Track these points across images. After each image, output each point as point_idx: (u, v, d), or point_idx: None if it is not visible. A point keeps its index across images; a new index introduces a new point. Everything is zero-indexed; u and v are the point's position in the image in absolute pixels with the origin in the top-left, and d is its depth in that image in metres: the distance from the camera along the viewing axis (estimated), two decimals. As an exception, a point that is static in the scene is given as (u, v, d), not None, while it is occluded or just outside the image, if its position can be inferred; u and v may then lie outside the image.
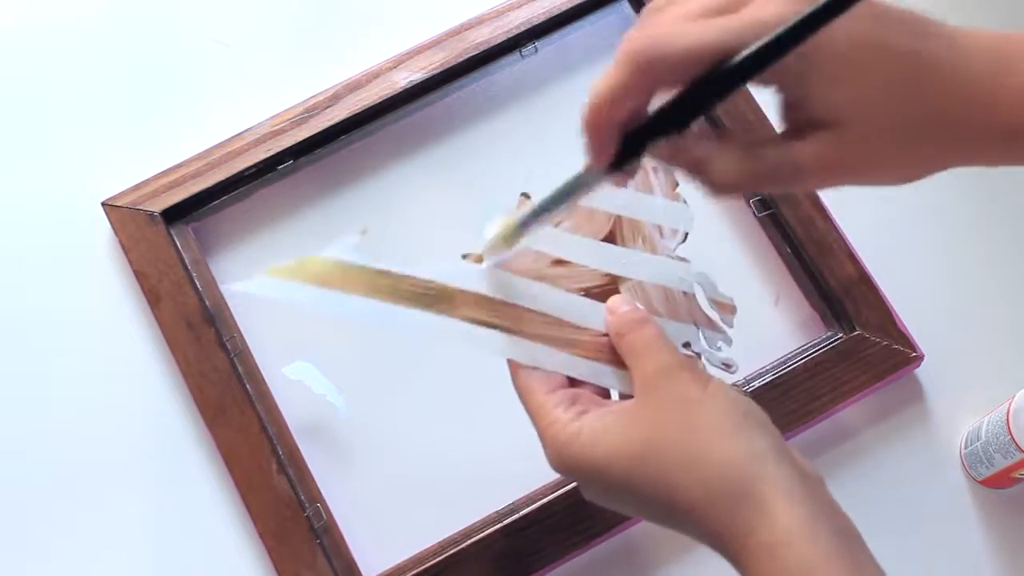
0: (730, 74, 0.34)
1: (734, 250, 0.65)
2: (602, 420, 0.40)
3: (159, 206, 0.62)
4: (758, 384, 0.59)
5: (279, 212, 0.65)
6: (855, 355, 0.60)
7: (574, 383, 0.43)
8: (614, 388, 0.44)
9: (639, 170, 0.44)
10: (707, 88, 0.34)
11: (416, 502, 0.59)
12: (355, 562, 0.57)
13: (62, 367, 0.62)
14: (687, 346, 0.46)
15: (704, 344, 0.46)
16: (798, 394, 0.59)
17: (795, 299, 0.64)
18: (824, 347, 0.60)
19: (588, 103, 0.36)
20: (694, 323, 0.46)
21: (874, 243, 0.63)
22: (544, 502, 0.57)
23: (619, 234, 0.47)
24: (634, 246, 0.46)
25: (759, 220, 0.64)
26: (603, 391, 0.44)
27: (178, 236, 0.63)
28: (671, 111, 0.36)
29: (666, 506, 0.38)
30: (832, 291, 0.61)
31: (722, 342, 0.46)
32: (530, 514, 0.57)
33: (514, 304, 0.44)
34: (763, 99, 0.64)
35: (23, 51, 0.70)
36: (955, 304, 0.64)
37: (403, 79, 0.65)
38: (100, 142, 0.67)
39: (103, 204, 0.63)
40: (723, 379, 0.42)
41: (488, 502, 0.58)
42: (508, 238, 0.43)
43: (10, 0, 0.71)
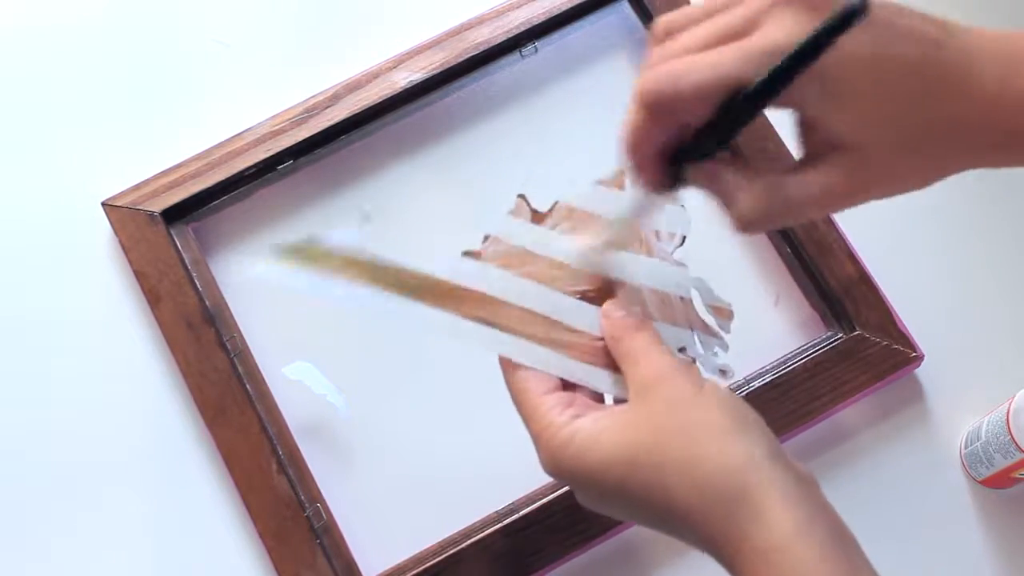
0: (746, 103, 0.34)
1: (734, 250, 0.65)
2: (597, 424, 0.40)
3: (159, 206, 0.62)
4: (758, 384, 0.59)
5: (279, 212, 0.65)
6: (855, 355, 0.60)
7: (568, 386, 0.43)
8: (608, 392, 0.44)
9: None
10: (724, 120, 0.35)
11: (416, 502, 0.59)
12: (355, 562, 0.57)
13: (62, 367, 0.62)
14: (683, 351, 0.45)
15: (700, 349, 0.46)
16: (798, 394, 0.59)
17: (795, 299, 0.64)
18: (824, 347, 0.60)
19: (620, 139, 0.38)
20: (690, 328, 0.46)
21: (874, 243, 0.63)
22: (544, 502, 0.57)
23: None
24: (631, 250, 0.46)
25: (759, 220, 0.64)
26: (597, 395, 0.44)
27: (178, 236, 0.63)
28: (695, 140, 0.37)
29: (661, 510, 0.38)
30: (832, 291, 0.61)
31: (718, 348, 0.46)
32: (530, 514, 0.57)
33: (511, 304, 0.44)
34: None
35: (23, 51, 0.70)
36: (955, 304, 0.64)
37: (403, 79, 0.65)
38: (100, 142, 0.67)
39: (103, 204, 0.63)
40: (720, 382, 0.42)
41: (488, 502, 0.58)
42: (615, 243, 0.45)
43: (10, 0, 0.71)
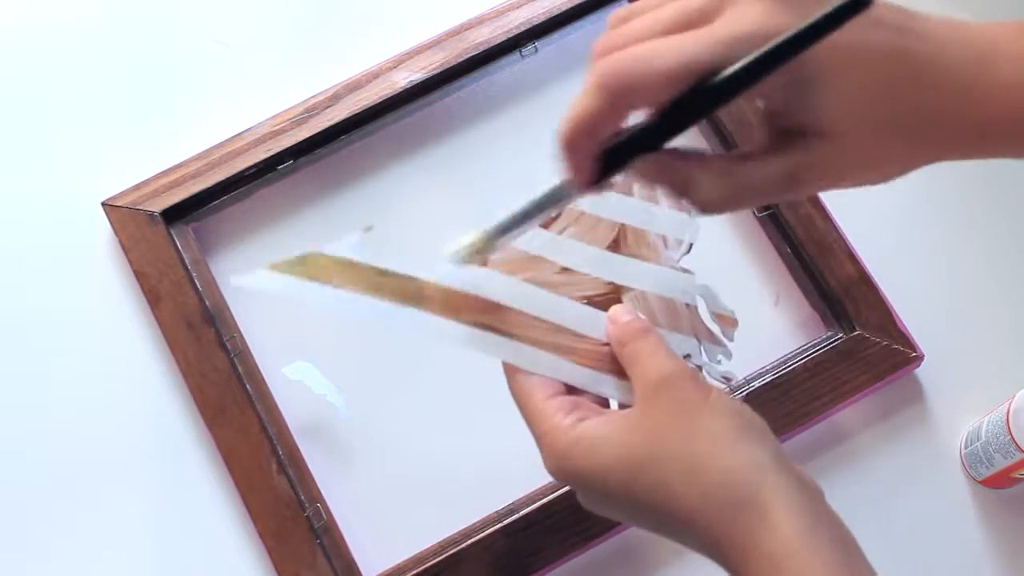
0: (715, 92, 0.33)
1: (734, 250, 0.65)
2: (602, 428, 0.40)
3: (159, 206, 0.62)
4: (758, 384, 0.59)
5: (279, 212, 0.65)
6: (855, 355, 0.60)
7: (572, 391, 0.43)
8: (613, 397, 0.44)
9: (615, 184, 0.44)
10: (690, 107, 0.34)
11: (416, 502, 0.59)
12: (355, 562, 0.57)
13: (62, 367, 0.62)
14: (687, 358, 0.46)
15: (704, 357, 0.46)
16: (798, 394, 0.59)
17: (795, 299, 0.64)
18: (824, 347, 0.60)
19: (562, 127, 0.35)
20: (695, 335, 0.46)
21: (874, 243, 0.63)
22: (544, 502, 0.57)
23: (624, 243, 0.46)
24: (638, 256, 0.46)
25: (759, 220, 0.64)
26: (602, 400, 0.44)
27: (178, 236, 0.63)
28: (652, 130, 0.35)
29: (665, 514, 0.38)
30: (832, 291, 0.61)
31: (722, 355, 0.46)
32: (530, 514, 0.57)
33: (516, 310, 0.44)
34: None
35: (23, 51, 0.70)
36: (955, 304, 0.63)
37: (403, 79, 0.65)
38: (100, 142, 0.67)
39: (103, 204, 0.63)
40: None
41: (488, 502, 0.58)
42: (481, 248, 0.42)
43: (10, 0, 0.71)
